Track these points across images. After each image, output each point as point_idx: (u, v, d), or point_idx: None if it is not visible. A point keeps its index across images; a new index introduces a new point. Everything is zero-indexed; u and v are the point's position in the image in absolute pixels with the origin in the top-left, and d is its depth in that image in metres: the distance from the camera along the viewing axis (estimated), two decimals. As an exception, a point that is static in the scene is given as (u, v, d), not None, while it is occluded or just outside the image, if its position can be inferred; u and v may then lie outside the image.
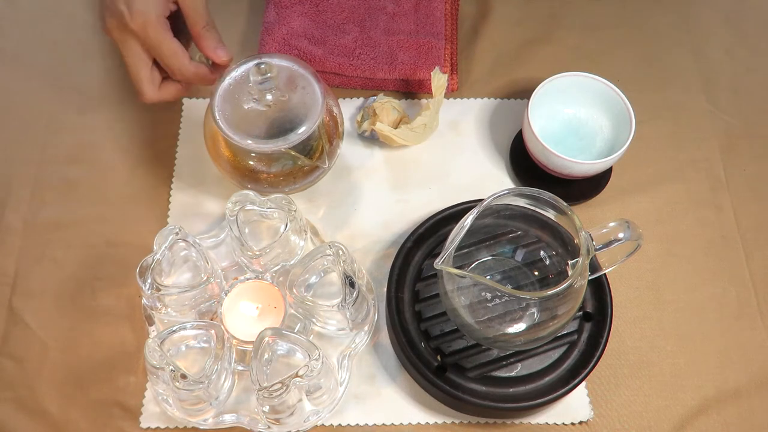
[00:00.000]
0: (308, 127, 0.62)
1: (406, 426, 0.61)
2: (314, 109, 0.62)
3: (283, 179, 0.66)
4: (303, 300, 0.60)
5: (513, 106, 0.77)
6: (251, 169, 0.65)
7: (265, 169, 0.65)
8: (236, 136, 0.61)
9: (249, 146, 0.61)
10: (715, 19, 0.84)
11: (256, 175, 0.66)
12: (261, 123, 0.62)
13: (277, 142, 0.61)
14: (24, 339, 0.64)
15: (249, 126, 0.62)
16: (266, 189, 0.67)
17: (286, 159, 0.64)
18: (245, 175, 0.66)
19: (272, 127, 0.62)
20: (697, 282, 0.68)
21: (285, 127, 0.61)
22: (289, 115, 0.62)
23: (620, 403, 0.63)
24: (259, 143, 0.61)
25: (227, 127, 0.61)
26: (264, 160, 0.65)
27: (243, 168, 0.66)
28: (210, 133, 0.65)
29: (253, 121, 0.62)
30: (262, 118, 0.62)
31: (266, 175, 0.66)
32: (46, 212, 0.70)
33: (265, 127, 0.62)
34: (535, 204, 0.56)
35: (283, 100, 0.63)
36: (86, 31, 0.81)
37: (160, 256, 0.60)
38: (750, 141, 0.76)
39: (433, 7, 0.79)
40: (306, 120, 0.62)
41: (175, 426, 0.60)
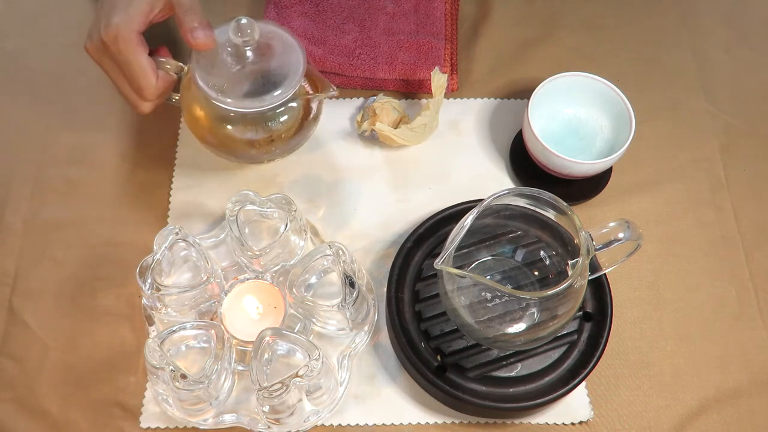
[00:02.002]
0: (292, 82, 0.61)
1: (406, 426, 0.61)
2: (296, 68, 0.62)
3: (272, 140, 0.65)
4: (303, 300, 0.60)
5: (513, 106, 0.77)
6: (235, 134, 0.65)
7: (252, 132, 0.65)
8: (221, 96, 0.60)
9: (235, 105, 0.60)
10: (715, 19, 0.84)
11: (240, 140, 0.65)
12: (243, 84, 0.61)
13: (267, 97, 0.60)
14: (24, 339, 0.64)
15: (232, 88, 0.61)
16: (253, 154, 0.67)
17: (275, 118, 0.64)
18: (228, 142, 0.65)
19: (255, 87, 0.61)
20: (697, 282, 0.68)
21: (267, 88, 0.61)
22: (271, 76, 0.61)
23: (620, 403, 0.63)
24: (246, 102, 0.60)
25: (210, 89, 0.60)
26: (248, 121, 0.64)
27: (225, 134, 0.65)
28: (191, 100, 0.64)
29: (235, 82, 0.61)
30: (243, 79, 0.61)
31: (252, 140, 0.65)
32: (46, 212, 0.70)
33: (247, 89, 0.61)
34: (535, 204, 0.56)
35: (263, 59, 0.62)
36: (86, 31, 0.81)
37: (160, 256, 0.60)
38: (750, 141, 0.76)
39: (433, 7, 0.79)
40: (288, 78, 0.61)
41: (175, 426, 0.60)
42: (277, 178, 0.72)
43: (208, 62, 0.61)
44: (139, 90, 0.60)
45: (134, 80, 0.59)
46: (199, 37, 0.59)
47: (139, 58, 0.59)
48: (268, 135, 0.64)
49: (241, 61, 0.61)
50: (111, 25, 0.57)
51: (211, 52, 0.61)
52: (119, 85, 0.61)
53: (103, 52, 0.59)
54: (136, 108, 0.63)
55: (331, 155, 0.74)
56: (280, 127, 0.65)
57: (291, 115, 0.65)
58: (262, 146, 0.65)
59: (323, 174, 0.73)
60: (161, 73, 0.61)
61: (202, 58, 0.61)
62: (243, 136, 0.64)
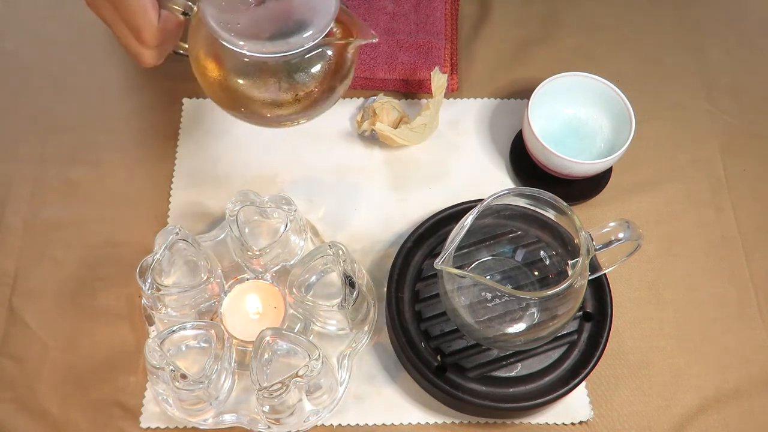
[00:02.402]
0: (323, 22, 0.51)
1: (406, 426, 0.61)
2: (327, 5, 0.51)
3: (298, 97, 0.55)
4: (303, 300, 0.60)
5: (513, 106, 0.77)
6: (252, 88, 0.54)
7: (273, 85, 0.54)
8: (235, 39, 0.50)
9: (253, 49, 0.50)
10: (715, 19, 0.84)
11: (259, 96, 0.55)
12: (263, 24, 0.51)
13: (292, 40, 0.49)
14: (24, 339, 0.64)
15: (249, 29, 0.50)
16: (274, 115, 0.56)
17: (301, 68, 0.53)
18: (245, 99, 0.55)
19: (277, 29, 0.51)
20: (697, 282, 0.68)
21: (292, 29, 0.51)
22: (297, 14, 0.51)
23: (620, 403, 0.63)
24: (266, 45, 0.50)
25: (223, 30, 0.50)
26: (269, 71, 0.53)
27: (240, 89, 0.54)
28: (200, 46, 0.54)
29: (253, 21, 0.51)
30: (263, 18, 0.51)
31: (274, 96, 0.54)
32: (46, 212, 0.70)
33: (267, 30, 0.51)
34: (535, 204, 0.56)
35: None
36: (86, 31, 0.81)
37: (160, 256, 0.60)
38: (750, 141, 0.76)
39: (433, 7, 0.79)
40: (318, 17, 0.51)
41: (175, 426, 0.60)
42: (277, 178, 0.72)
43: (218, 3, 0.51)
44: (138, 32, 0.50)
45: (131, 19, 0.50)
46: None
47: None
48: (293, 90, 0.54)
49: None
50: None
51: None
52: (116, 30, 0.52)
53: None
54: (139, 59, 0.53)
55: (331, 155, 0.74)
56: (308, 81, 0.54)
57: (321, 65, 0.54)
58: (286, 104, 0.55)
59: (323, 174, 0.73)
60: (165, 13, 0.52)
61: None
62: (262, 91, 0.54)
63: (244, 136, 0.74)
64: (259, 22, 0.51)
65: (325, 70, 0.55)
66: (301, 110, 0.56)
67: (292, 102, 0.55)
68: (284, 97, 0.55)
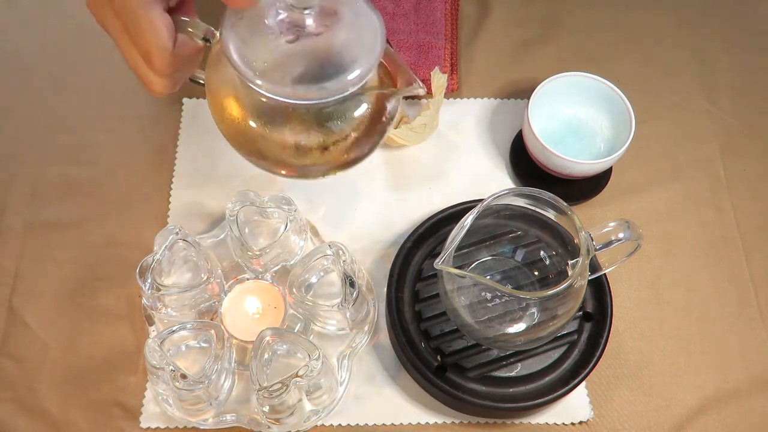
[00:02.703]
0: (364, 67, 0.43)
1: (406, 426, 0.61)
2: (371, 47, 0.44)
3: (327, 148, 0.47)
4: (303, 300, 0.60)
5: (513, 106, 0.77)
6: (276, 134, 0.46)
7: (301, 133, 0.46)
8: (261, 79, 0.41)
9: (281, 93, 0.42)
10: (715, 19, 0.84)
11: (282, 143, 0.46)
12: (294, 64, 0.43)
13: (327, 85, 0.42)
14: (24, 339, 0.64)
15: (278, 68, 0.42)
16: (298, 165, 0.47)
17: (334, 117, 0.46)
18: (266, 146, 0.46)
19: (310, 70, 0.43)
20: (697, 282, 0.68)
21: (328, 72, 0.42)
22: (335, 55, 0.43)
23: (620, 403, 0.63)
24: (297, 90, 0.42)
25: (247, 67, 0.41)
26: (297, 117, 0.45)
27: (263, 134, 0.46)
28: (219, 80, 0.46)
29: (283, 60, 0.43)
30: (296, 57, 0.43)
31: (299, 144, 0.46)
32: (46, 212, 0.70)
33: (299, 71, 0.43)
34: (535, 204, 0.56)
35: (326, 30, 0.43)
36: (86, 31, 0.81)
37: (160, 256, 0.60)
38: (750, 141, 0.76)
39: (433, 7, 0.79)
40: (358, 61, 0.43)
41: (175, 426, 0.60)
42: (278, 178, 0.72)
43: (248, 28, 0.43)
44: (148, 57, 0.43)
45: (142, 43, 0.43)
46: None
47: (150, 11, 0.42)
48: (322, 141, 0.46)
49: (296, 30, 0.43)
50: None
51: (252, 14, 0.43)
52: (124, 51, 0.44)
53: (106, 4, 0.43)
54: (148, 86, 0.46)
55: (331, 155, 0.74)
56: (339, 131, 0.46)
57: (357, 114, 0.47)
58: (312, 154, 0.47)
59: (323, 174, 0.73)
60: (182, 37, 0.44)
61: (239, 22, 0.43)
62: (287, 138, 0.46)
63: (244, 136, 0.74)
64: (291, 60, 0.43)
65: (361, 120, 0.47)
66: (329, 164, 0.48)
67: (320, 154, 0.47)
68: (311, 148, 0.47)
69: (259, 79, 0.42)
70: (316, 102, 0.43)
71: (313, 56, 0.43)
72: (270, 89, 0.42)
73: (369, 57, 0.43)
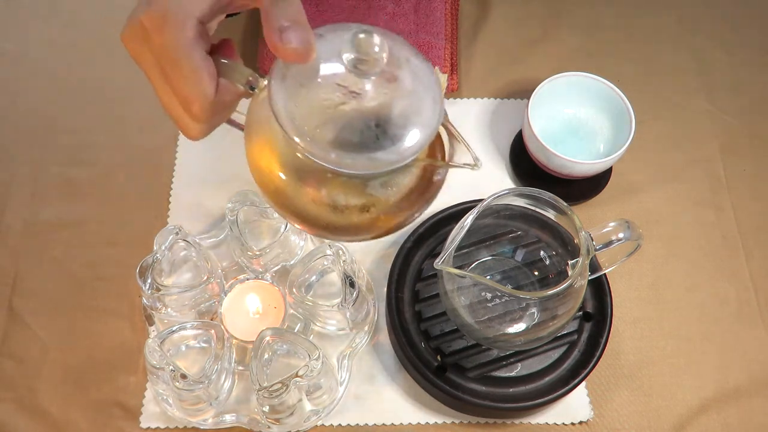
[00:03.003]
0: (420, 139, 0.39)
1: (406, 426, 0.61)
2: (429, 118, 0.40)
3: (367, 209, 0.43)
4: (303, 300, 0.60)
5: (513, 106, 0.77)
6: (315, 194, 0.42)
7: (340, 196, 0.42)
8: (310, 143, 0.38)
9: (329, 160, 0.38)
10: (715, 19, 0.84)
11: (320, 203, 0.43)
12: (345, 126, 0.39)
13: (379, 155, 0.38)
14: (24, 339, 0.64)
15: (327, 130, 0.39)
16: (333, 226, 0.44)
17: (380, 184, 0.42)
18: (303, 203, 0.43)
19: (361, 136, 0.39)
20: (697, 282, 0.68)
21: (379, 140, 0.39)
22: (389, 121, 0.40)
23: (620, 403, 0.63)
24: (347, 158, 0.38)
25: (296, 127, 0.38)
26: (341, 181, 0.42)
27: (301, 192, 0.43)
28: (261, 132, 0.43)
29: (334, 122, 0.39)
30: (347, 120, 0.40)
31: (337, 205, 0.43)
32: (46, 212, 0.70)
33: (348, 134, 0.39)
34: (535, 204, 0.56)
35: (384, 95, 0.40)
36: (86, 31, 0.81)
37: (160, 256, 0.60)
38: (750, 141, 0.76)
39: (433, 7, 0.79)
40: (413, 130, 0.40)
41: (175, 426, 0.60)
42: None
43: (298, 83, 0.39)
44: (187, 103, 0.40)
45: (181, 88, 0.39)
46: (291, 40, 0.38)
47: (192, 55, 0.38)
48: (361, 206, 0.43)
49: (351, 92, 0.39)
50: (159, 4, 0.38)
51: (305, 69, 0.39)
52: (161, 94, 0.41)
53: (144, 43, 0.40)
54: (183, 130, 0.43)
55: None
56: (383, 199, 0.43)
57: (402, 183, 0.43)
58: (350, 219, 0.43)
59: (323, 174, 0.72)
60: (223, 82, 0.40)
61: (289, 76, 0.39)
62: (324, 200, 0.42)
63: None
64: (343, 125, 0.39)
65: (405, 190, 0.43)
66: (369, 229, 0.44)
67: (358, 219, 0.43)
68: (349, 214, 0.43)
69: (307, 142, 0.38)
70: (363, 173, 0.40)
71: (367, 123, 0.40)
72: (318, 155, 0.38)
73: (426, 130, 0.40)
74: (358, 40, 0.38)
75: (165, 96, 0.41)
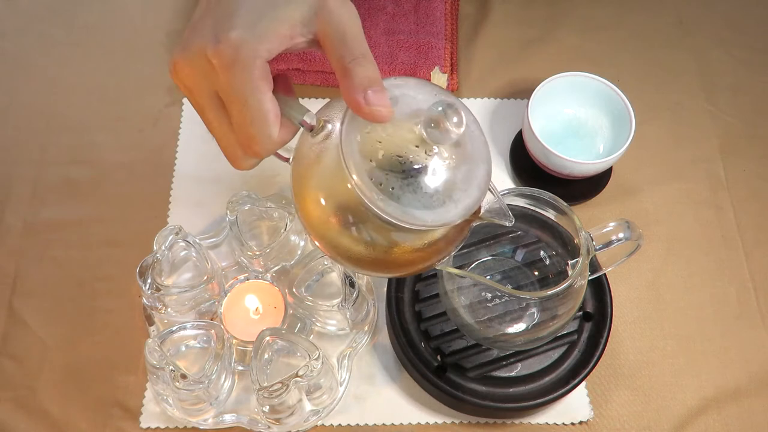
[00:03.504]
0: (473, 202, 0.42)
1: (406, 426, 0.61)
2: (481, 183, 0.43)
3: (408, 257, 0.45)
4: (303, 300, 0.60)
5: (513, 106, 0.77)
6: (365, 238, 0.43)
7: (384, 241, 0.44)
8: (381, 199, 0.39)
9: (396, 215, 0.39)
10: (715, 19, 0.84)
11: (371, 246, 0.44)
12: (409, 185, 0.41)
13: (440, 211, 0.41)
14: (24, 339, 0.64)
15: (393, 186, 0.40)
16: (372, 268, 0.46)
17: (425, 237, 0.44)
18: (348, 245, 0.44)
19: (423, 195, 0.41)
20: (697, 282, 0.68)
21: (437, 197, 0.41)
22: (448, 183, 0.41)
23: (620, 403, 0.63)
24: (411, 214, 0.40)
25: (370, 184, 0.39)
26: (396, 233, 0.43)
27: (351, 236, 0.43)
28: (320, 176, 0.43)
29: (400, 180, 0.41)
30: (413, 178, 0.41)
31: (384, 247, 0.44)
32: (46, 212, 0.70)
33: (411, 193, 0.41)
34: (535, 204, 0.56)
35: (448, 160, 0.41)
36: (86, 31, 0.81)
37: (160, 256, 0.60)
38: (750, 141, 0.76)
39: (433, 7, 0.79)
40: (467, 193, 0.42)
41: (175, 426, 0.60)
42: (277, 178, 0.72)
43: (374, 139, 0.40)
44: (250, 142, 0.39)
45: (246, 127, 0.38)
46: (375, 103, 0.38)
47: (263, 98, 0.38)
48: (404, 251, 0.45)
49: (421, 154, 0.40)
50: (229, 42, 0.37)
51: (375, 126, 0.40)
52: (215, 128, 0.41)
53: (206, 77, 0.38)
54: (234, 163, 0.42)
55: (331, 155, 0.73)
56: (424, 247, 0.45)
57: (442, 233, 0.45)
58: (388, 255, 0.45)
59: (323, 174, 0.72)
60: (282, 120, 0.40)
61: (356, 130, 0.40)
62: (371, 242, 0.44)
63: (244, 136, 0.74)
64: (414, 183, 0.40)
65: (445, 237, 0.45)
66: (401, 270, 0.47)
67: (398, 257, 0.45)
68: (391, 254, 0.45)
69: (379, 199, 0.39)
70: (416, 227, 0.41)
71: (435, 186, 0.41)
72: (382, 208, 0.39)
73: (481, 192, 0.43)
74: (441, 115, 0.39)
75: (220, 130, 0.40)
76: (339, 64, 0.39)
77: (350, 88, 0.38)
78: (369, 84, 0.38)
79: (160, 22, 0.82)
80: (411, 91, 0.41)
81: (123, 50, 0.80)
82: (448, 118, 0.39)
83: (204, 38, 0.37)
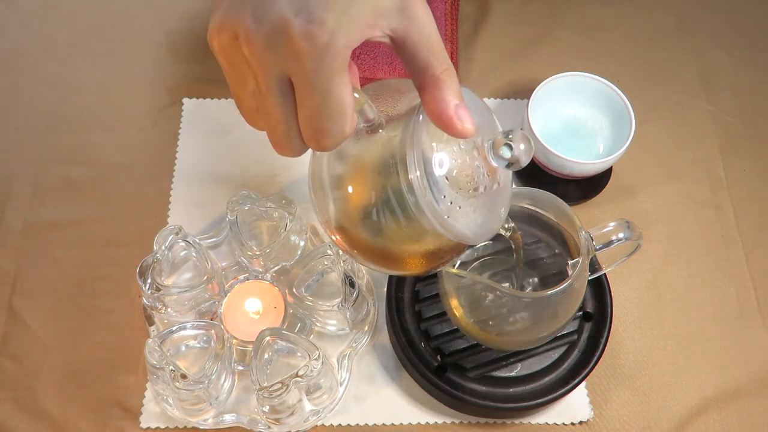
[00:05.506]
0: (504, 219, 0.45)
1: (406, 426, 0.61)
2: (507, 203, 0.46)
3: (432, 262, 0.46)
4: (303, 300, 0.60)
5: (513, 106, 0.77)
6: (410, 245, 0.44)
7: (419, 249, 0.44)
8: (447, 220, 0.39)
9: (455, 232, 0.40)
10: (715, 19, 0.84)
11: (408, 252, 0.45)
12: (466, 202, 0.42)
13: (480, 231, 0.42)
14: (24, 339, 0.64)
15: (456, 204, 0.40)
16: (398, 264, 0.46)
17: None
18: (389, 249, 0.44)
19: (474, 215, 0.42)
20: (697, 282, 0.68)
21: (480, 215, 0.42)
22: (486, 204, 0.43)
23: (620, 403, 0.63)
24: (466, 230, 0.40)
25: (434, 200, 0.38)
26: (439, 243, 0.44)
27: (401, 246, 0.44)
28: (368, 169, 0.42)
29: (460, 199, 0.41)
30: (483, 200, 0.43)
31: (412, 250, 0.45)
32: (46, 212, 0.70)
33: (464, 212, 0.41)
34: (535, 204, 0.56)
35: (495, 183, 0.43)
36: (86, 31, 0.81)
37: (160, 256, 0.60)
38: (750, 141, 0.76)
39: (433, 7, 0.79)
40: (501, 212, 0.45)
41: (175, 426, 0.60)
42: (277, 178, 0.72)
43: (446, 154, 0.40)
44: (319, 134, 0.35)
45: (321, 120, 0.34)
46: (464, 119, 0.36)
47: (345, 92, 0.34)
48: (421, 247, 0.45)
49: (482, 175, 0.41)
50: (325, 25, 0.32)
51: (446, 141, 0.40)
52: (274, 120, 0.35)
53: (283, 58, 0.33)
54: (287, 151, 0.37)
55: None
56: (435, 253, 0.45)
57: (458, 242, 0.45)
58: (407, 253, 0.45)
59: (323, 174, 0.72)
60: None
61: (424, 131, 0.38)
62: (409, 244, 0.44)
63: (244, 137, 0.74)
64: (476, 202, 0.41)
65: (459, 249, 0.46)
66: (420, 270, 0.47)
67: (416, 256, 0.45)
68: (411, 252, 0.45)
69: (442, 216, 0.39)
70: (458, 239, 0.41)
71: (493, 205, 0.44)
72: (443, 223, 0.39)
73: (505, 212, 0.45)
74: (519, 136, 0.40)
75: (282, 118, 0.35)
76: (426, 72, 0.36)
77: (441, 101, 0.36)
78: (459, 98, 0.37)
79: (160, 22, 0.82)
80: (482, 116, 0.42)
81: (123, 50, 0.80)
82: (517, 144, 0.40)
83: (286, 12, 0.32)
